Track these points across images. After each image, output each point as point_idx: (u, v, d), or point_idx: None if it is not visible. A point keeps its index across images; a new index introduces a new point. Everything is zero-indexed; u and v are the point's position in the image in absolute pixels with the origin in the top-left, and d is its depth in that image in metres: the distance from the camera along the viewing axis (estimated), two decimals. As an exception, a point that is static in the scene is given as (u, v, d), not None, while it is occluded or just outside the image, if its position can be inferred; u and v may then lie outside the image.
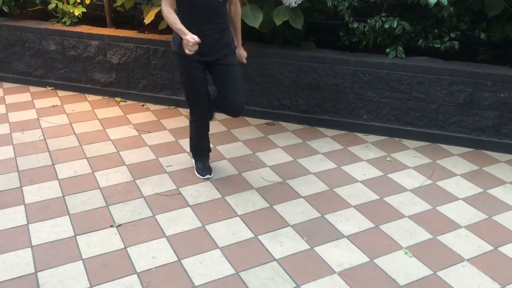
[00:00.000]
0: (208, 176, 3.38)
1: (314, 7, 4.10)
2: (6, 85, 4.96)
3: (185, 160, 3.62)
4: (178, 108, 4.49)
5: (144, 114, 4.38)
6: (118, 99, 4.65)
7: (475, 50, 4.31)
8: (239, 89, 3.12)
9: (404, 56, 3.88)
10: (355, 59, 3.93)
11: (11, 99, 4.65)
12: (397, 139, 4.00)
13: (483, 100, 3.73)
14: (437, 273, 2.58)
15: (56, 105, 4.52)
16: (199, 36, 2.79)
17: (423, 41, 3.94)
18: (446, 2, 3.51)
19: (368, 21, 3.91)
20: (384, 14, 3.93)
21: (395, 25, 3.82)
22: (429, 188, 3.35)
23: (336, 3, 3.92)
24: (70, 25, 4.70)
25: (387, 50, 3.93)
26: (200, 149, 3.41)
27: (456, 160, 3.70)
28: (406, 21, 3.88)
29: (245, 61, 3.28)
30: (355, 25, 3.97)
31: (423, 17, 4.04)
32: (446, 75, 3.76)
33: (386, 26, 3.82)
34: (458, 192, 3.30)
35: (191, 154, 3.50)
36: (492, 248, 2.78)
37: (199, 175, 3.40)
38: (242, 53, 3.24)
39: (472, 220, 3.02)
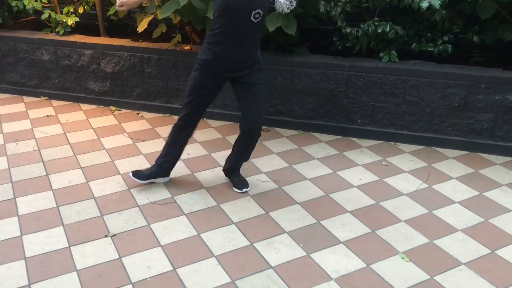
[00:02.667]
0: None
1: (307, 12, 4.10)
2: (0, 95, 4.95)
3: (179, 168, 3.60)
4: (172, 115, 4.48)
5: (138, 123, 4.36)
6: (112, 108, 4.64)
7: (468, 53, 4.31)
8: (259, 106, 3.05)
9: (397, 60, 3.88)
10: (349, 64, 3.92)
11: (5, 109, 4.63)
12: (392, 143, 3.99)
13: (477, 103, 3.73)
14: (434, 277, 2.57)
15: (50, 115, 4.50)
16: (228, 51, 2.88)
17: (416, 44, 3.94)
18: (439, 5, 3.51)
19: (361, 25, 3.91)
20: (377, 18, 3.93)
21: (388, 30, 3.82)
22: (425, 192, 3.34)
23: (328, 9, 3.92)
24: (63, 34, 4.70)
25: (381, 55, 3.93)
26: None
27: (452, 163, 3.69)
28: (399, 25, 3.89)
29: None
30: (348, 30, 3.97)
31: (415, 21, 4.05)
32: (440, 78, 3.76)
33: (379, 30, 3.83)
34: (454, 196, 3.29)
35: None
36: (489, 251, 2.77)
37: None
38: None
39: (469, 223, 3.01)
